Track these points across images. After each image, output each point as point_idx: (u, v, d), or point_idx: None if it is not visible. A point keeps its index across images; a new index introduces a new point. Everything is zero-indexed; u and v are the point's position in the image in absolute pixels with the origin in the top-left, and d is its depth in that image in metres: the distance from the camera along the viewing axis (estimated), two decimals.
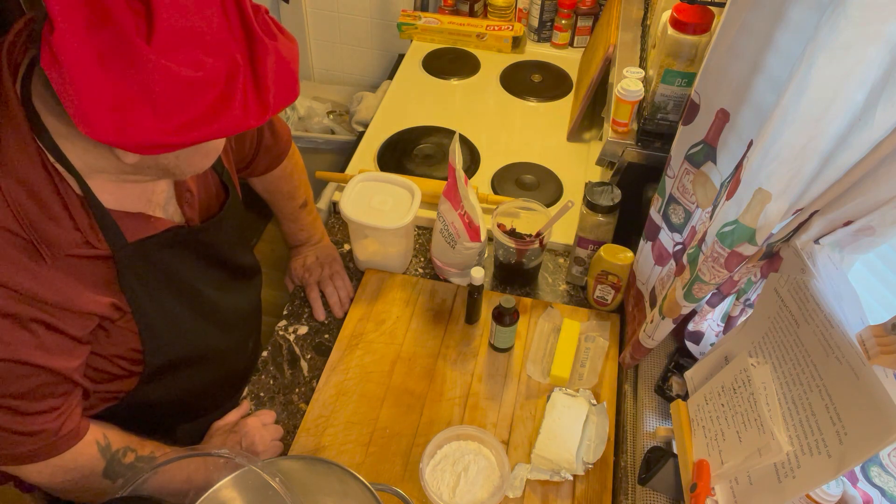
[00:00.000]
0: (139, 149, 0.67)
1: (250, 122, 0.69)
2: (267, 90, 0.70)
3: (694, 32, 1.02)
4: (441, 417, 1.09)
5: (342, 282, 1.29)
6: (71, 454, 0.84)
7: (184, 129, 0.66)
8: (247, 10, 0.68)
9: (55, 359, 0.78)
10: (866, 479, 0.81)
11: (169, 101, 0.64)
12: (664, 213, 1.00)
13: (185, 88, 0.64)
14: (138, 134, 0.65)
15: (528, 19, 1.90)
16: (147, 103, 0.63)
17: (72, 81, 0.62)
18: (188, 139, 0.67)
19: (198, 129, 0.67)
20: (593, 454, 1.03)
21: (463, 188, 1.14)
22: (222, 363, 1.08)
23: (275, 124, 1.15)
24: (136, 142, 0.66)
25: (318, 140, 2.13)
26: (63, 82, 0.62)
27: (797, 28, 0.66)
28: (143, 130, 0.65)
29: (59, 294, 0.76)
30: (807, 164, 0.66)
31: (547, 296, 1.30)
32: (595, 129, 1.62)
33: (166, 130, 0.65)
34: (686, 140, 0.91)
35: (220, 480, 0.85)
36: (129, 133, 0.65)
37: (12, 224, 0.72)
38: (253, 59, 0.69)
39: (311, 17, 2.22)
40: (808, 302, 0.73)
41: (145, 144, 0.66)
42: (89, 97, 0.62)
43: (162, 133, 0.65)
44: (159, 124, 0.65)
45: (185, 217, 0.92)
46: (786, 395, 0.75)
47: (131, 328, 0.87)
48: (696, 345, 1.05)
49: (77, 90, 0.62)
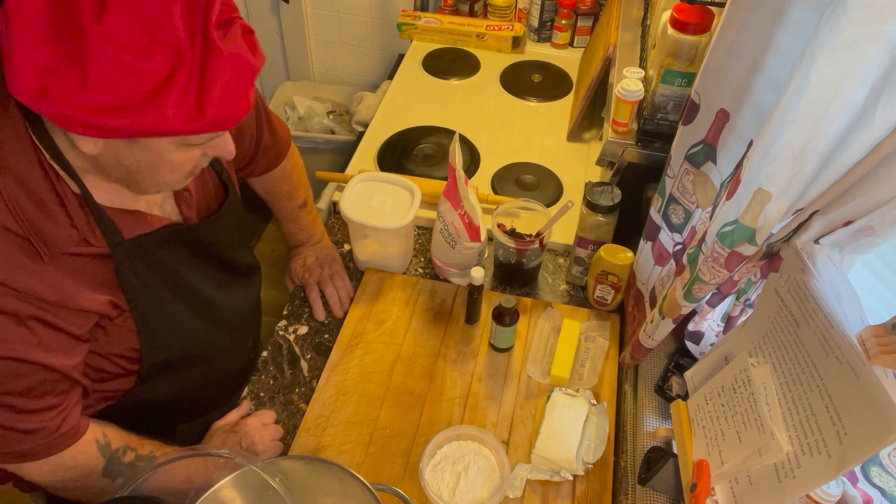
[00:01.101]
0: (57, 119, 0.66)
1: (179, 126, 0.67)
2: (209, 102, 0.67)
3: (694, 32, 1.02)
4: (441, 417, 1.09)
5: (342, 282, 1.29)
6: (70, 452, 0.84)
7: (107, 111, 0.65)
8: (211, 16, 0.67)
9: (54, 356, 0.78)
10: (866, 479, 0.81)
11: (101, 79, 0.63)
12: (664, 213, 1.00)
13: (121, 71, 0.63)
14: (59, 103, 0.64)
15: (528, 19, 1.90)
16: (78, 75, 0.63)
17: (14, 35, 0.62)
18: (109, 123, 0.65)
19: (122, 115, 0.65)
20: (593, 454, 1.03)
21: (463, 188, 1.14)
22: (221, 362, 1.08)
23: (274, 124, 1.14)
24: (56, 111, 0.65)
25: (318, 140, 2.13)
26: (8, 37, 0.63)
27: (797, 28, 0.66)
28: (65, 101, 0.64)
29: (57, 292, 0.76)
30: (807, 164, 0.66)
31: (547, 296, 1.30)
32: (595, 129, 1.62)
33: (89, 107, 0.64)
34: (686, 140, 0.91)
35: (220, 480, 0.85)
36: (51, 100, 0.64)
37: (10, 222, 0.72)
38: (204, 65, 0.67)
39: (311, 17, 2.22)
40: (808, 302, 0.73)
41: (64, 116, 0.65)
42: (23, 53, 0.63)
43: (84, 109, 0.64)
44: (84, 99, 0.64)
45: (182, 216, 0.92)
46: (786, 395, 0.75)
47: (130, 327, 0.87)
48: (696, 345, 1.05)
49: (15, 44, 0.62)
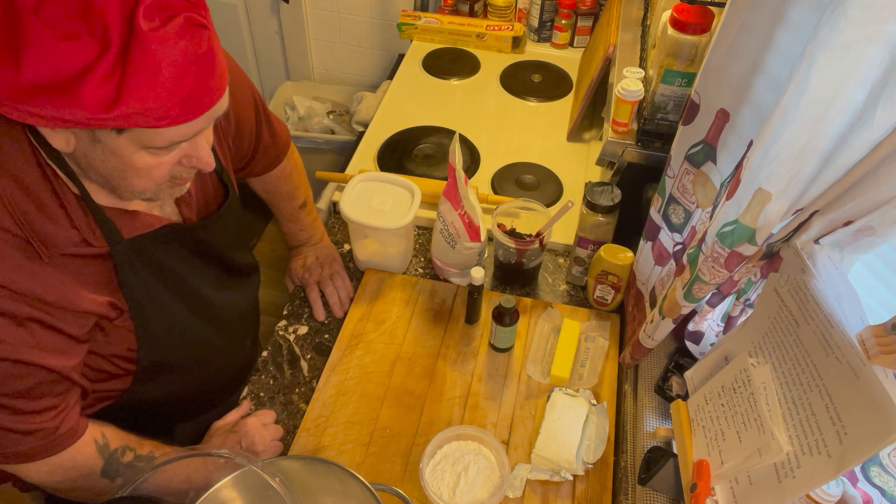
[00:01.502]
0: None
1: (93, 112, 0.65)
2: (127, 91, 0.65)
3: (694, 32, 1.02)
4: (441, 417, 1.09)
5: (342, 282, 1.29)
6: (69, 453, 0.84)
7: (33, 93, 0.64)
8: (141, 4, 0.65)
9: (53, 357, 0.78)
10: (866, 479, 0.81)
11: (31, 60, 0.63)
12: (664, 213, 1.00)
13: (49, 51, 0.63)
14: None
15: (528, 19, 1.90)
16: (11, 56, 0.63)
17: None
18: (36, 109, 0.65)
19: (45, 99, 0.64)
20: (593, 454, 1.03)
21: (463, 188, 1.14)
22: (219, 362, 1.08)
23: (274, 125, 1.14)
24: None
25: (318, 140, 2.13)
26: None
27: (797, 28, 0.66)
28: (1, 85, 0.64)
29: (56, 293, 0.76)
30: (807, 164, 0.66)
31: (547, 296, 1.30)
32: (595, 129, 1.62)
33: (19, 90, 0.64)
34: (686, 140, 0.91)
35: (220, 480, 0.85)
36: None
37: (8, 222, 0.72)
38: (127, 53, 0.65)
39: (311, 17, 2.22)
40: (808, 302, 0.73)
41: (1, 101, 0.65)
42: None
43: (15, 92, 0.64)
44: (15, 81, 0.63)
45: (182, 216, 0.92)
46: (786, 395, 0.75)
47: (129, 327, 0.87)
48: (696, 345, 1.05)
49: None
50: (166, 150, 0.74)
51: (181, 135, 0.73)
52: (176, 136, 0.72)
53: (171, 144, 0.73)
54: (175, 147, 0.75)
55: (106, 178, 0.76)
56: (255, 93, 1.07)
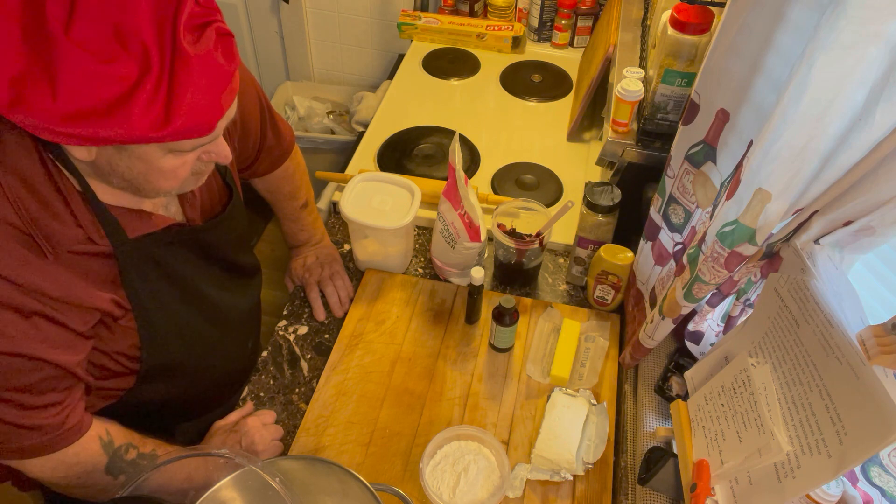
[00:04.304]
0: (30, 128, 0.66)
1: (146, 133, 0.67)
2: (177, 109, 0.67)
3: (694, 32, 1.02)
4: (441, 417, 1.09)
5: (342, 282, 1.29)
6: (73, 449, 0.85)
7: (74, 119, 0.65)
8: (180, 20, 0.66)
9: (58, 353, 0.78)
10: (866, 479, 0.81)
11: (69, 87, 0.63)
12: (664, 213, 1.00)
13: (88, 78, 0.63)
14: (31, 112, 0.64)
15: (528, 19, 1.90)
16: (48, 83, 0.63)
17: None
18: (77, 132, 0.65)
19: (88, 123, 0.65)
20: (593, 454, 1.03)
21: (463, 188, 1.14)
22: (221, 362, 1.08)
23: (278, 125, 1.15)
24: (27, 120, 0.65)
25: (318, 140, 2.14)
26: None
27: (797, 28, 0.66)
28: (36, 110, 0.64)
29: (61, 288, 0.76)
30: (807, 164, 0.66)
31: (547, 296, 1.30)
32: (595, 129, 1.62)
33: (58, 116, 0.64)
34: (686, 140, 0.91)
35: (221, 480, 0.85)
36: (22, 108, 0.64)
37: (14, 219, 0.72)
38: (173, 71, 0.66)
39: (311, 17, 2.22)
40: (808, 302, 0.73)
41: (36, 125, 0.66)
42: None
43: (53, 118, 0.64)
44: (54, 108, 0.64)
45: (186, 217, 0.92)
46: (786, 395, 0.75)
47: (132, 326, 0.87)
48: (696, 345, 1.05)
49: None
50: (190, 150, 0.76)
51: (208, 137, 0.75)
52: (204, 139, 0.75)
53: (194, 146, 0.76)
54: (199, 147, 0.77)
55: (130, 182, 0.77)
56: (261, 93, 1.08)
